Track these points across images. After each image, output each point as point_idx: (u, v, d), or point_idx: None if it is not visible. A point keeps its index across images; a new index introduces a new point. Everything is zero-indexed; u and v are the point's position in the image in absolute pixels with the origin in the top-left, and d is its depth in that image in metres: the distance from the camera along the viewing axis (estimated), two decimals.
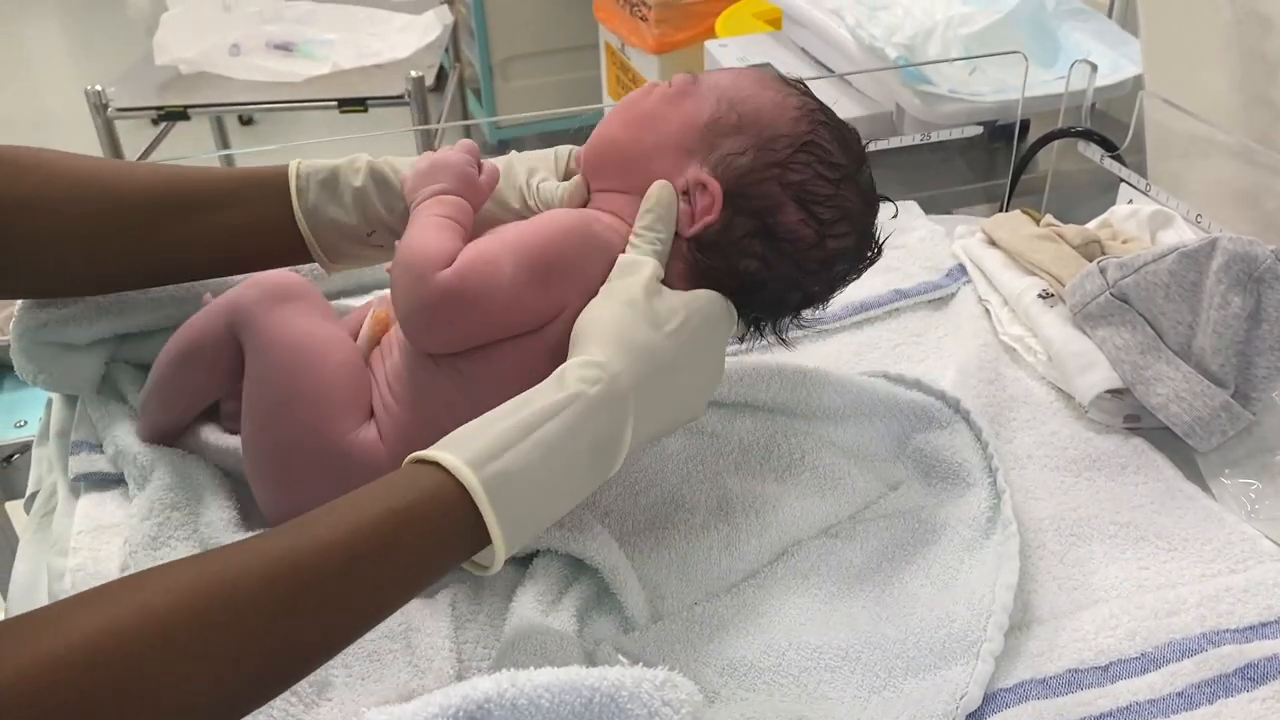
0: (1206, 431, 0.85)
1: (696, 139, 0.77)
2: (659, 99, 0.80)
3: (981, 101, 1.44)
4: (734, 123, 0.77)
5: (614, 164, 0.80)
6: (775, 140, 0.77)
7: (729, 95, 0.78)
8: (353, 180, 0.84)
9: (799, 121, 0.78)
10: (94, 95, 1.83)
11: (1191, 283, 0.86)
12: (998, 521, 0.78)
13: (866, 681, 0.67)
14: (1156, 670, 0.69)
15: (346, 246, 0.85)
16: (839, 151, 0.79)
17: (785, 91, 0.80)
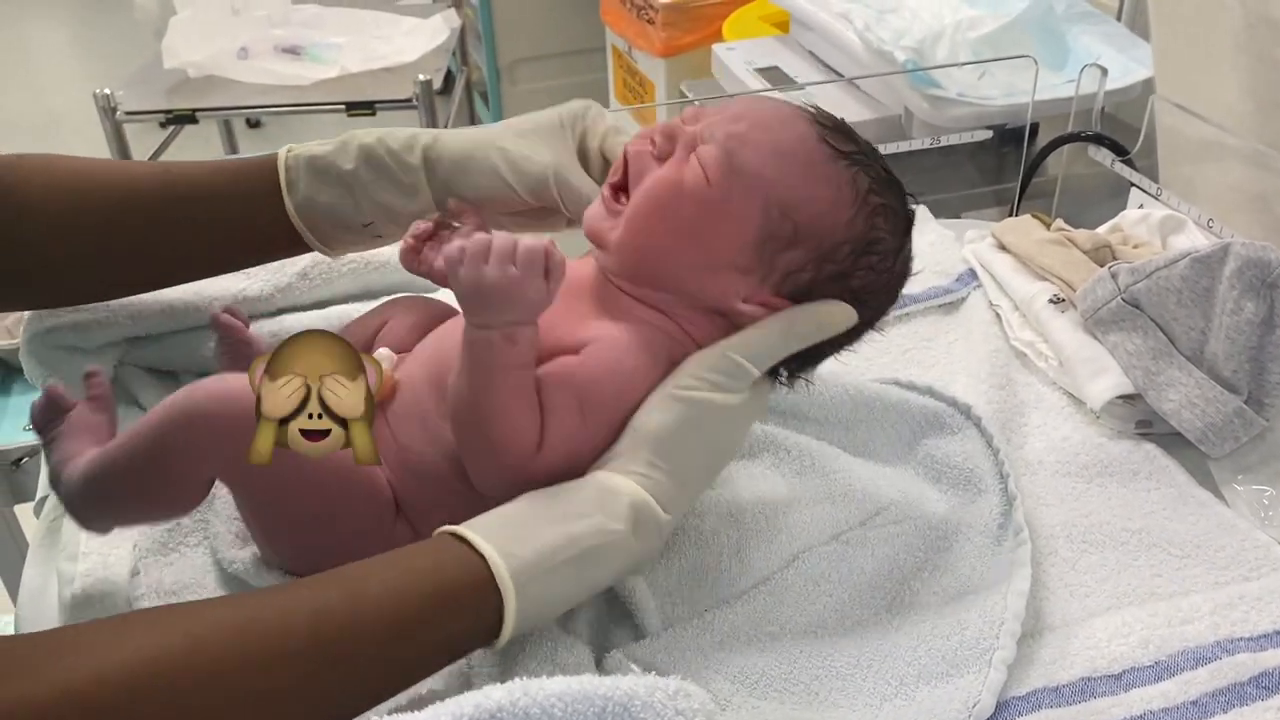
0: (1219, 438, 0.84)
1: (752, 258, 0.70)
2: (697, 204, 0.69)
3: (990, 105, 1.43)
4: (789, 235, 0.69)
5: (659, 275, 0.71)
6: (837, 250, 0.70)
7: (777, 195, 0.69)
8: (344, 164, 0.80)
9: (857, 220, 0.70)
10: (102, 98, 1.83)
11: (1204, 288, 0.86)
12: (1009, 528, 0.78)
13: (878, 689, 0.67)
14: (1170, 678, 0.68)
15: (344, 235, 0.83)
16: (896, 234, 0.73)
17: (835, 176, 0.70)
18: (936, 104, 1.43)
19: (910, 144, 1.33)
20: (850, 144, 0.72)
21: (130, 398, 0.89)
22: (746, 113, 0.72)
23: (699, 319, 0.71)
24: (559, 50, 3.07)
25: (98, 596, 0.76)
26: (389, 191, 0.80)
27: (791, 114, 0.72)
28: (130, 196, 0.81)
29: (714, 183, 0.69)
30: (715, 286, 0.70)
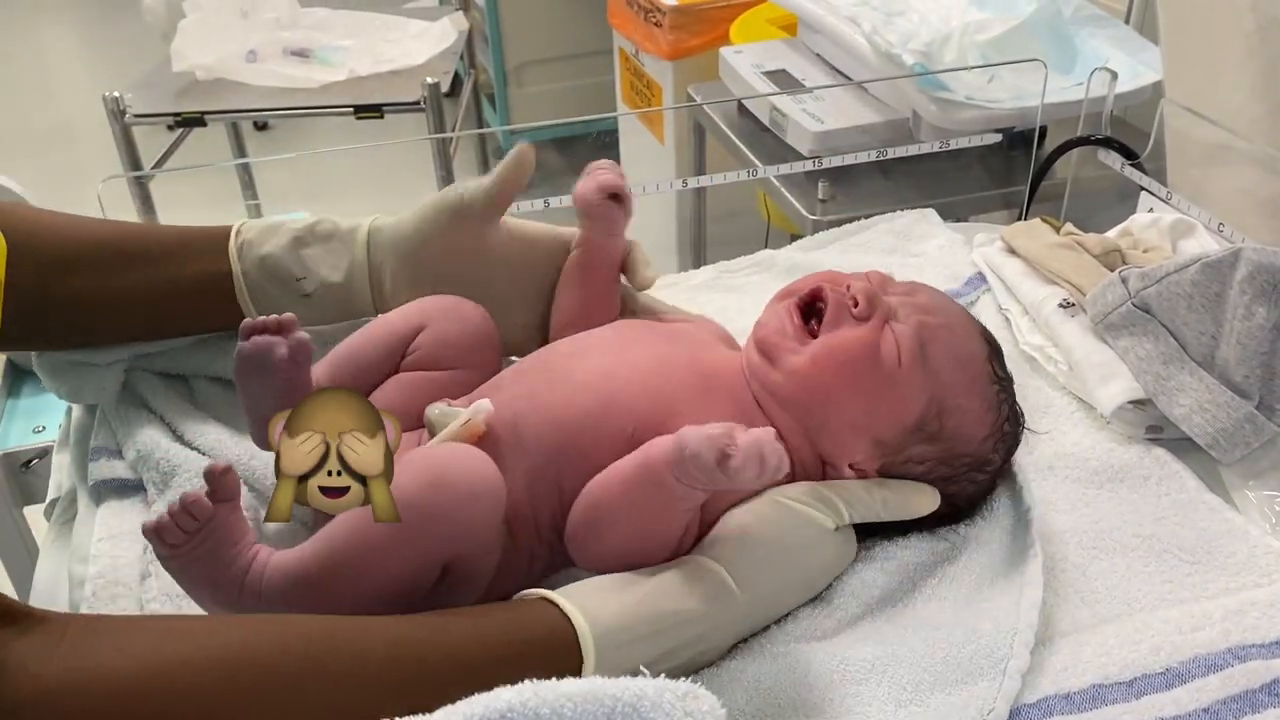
0: (1230, 443, 0.84)
1: (895, 437, 0.76)
2: (884, 377, 0.75)
3: (999, 108, 1.43)
4: (934, 431, 0.76)
5: (812, 413, 0.76)
6: (958, 458, 0.77)
7: (942, 395, 0.76)
8: (292, 226, 0.86)
9: (987, 443, 0.78)
10: (111, 101, 1.84)
11: (1215, 293, 0.85)
12: (1024, 537, 0.77)
13: (893, 695, 0.67)
14: (1182, 686, 0.68)
15: (274, 290, 0.85)
16: (1004, 456, 0.81)
17: (990, 399, 0.78)
18: (945, 107, 1.43)
19: (919, 147, 1.32)
20: (1004, 371, 0.81)
21: (140, 400, 0.89)
22: (937, 308, 0.80)
23: (805, 457, 0.77)
24: (566, 53, 3.07)
25: (108, 599, 0.76)
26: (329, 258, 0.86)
27: (971, 326, 0.81)
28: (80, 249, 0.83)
29: (904, 364, 0.75)
30: (851, 444, 0.76)
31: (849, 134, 1.53)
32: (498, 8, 2.97)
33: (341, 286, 0.86)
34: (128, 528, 0.81)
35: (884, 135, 1.52)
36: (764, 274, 1.13)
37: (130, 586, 0.77)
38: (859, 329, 0.76)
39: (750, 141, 1.69)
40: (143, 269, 0.84)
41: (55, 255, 0.82)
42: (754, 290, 1.09)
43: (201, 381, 0.92)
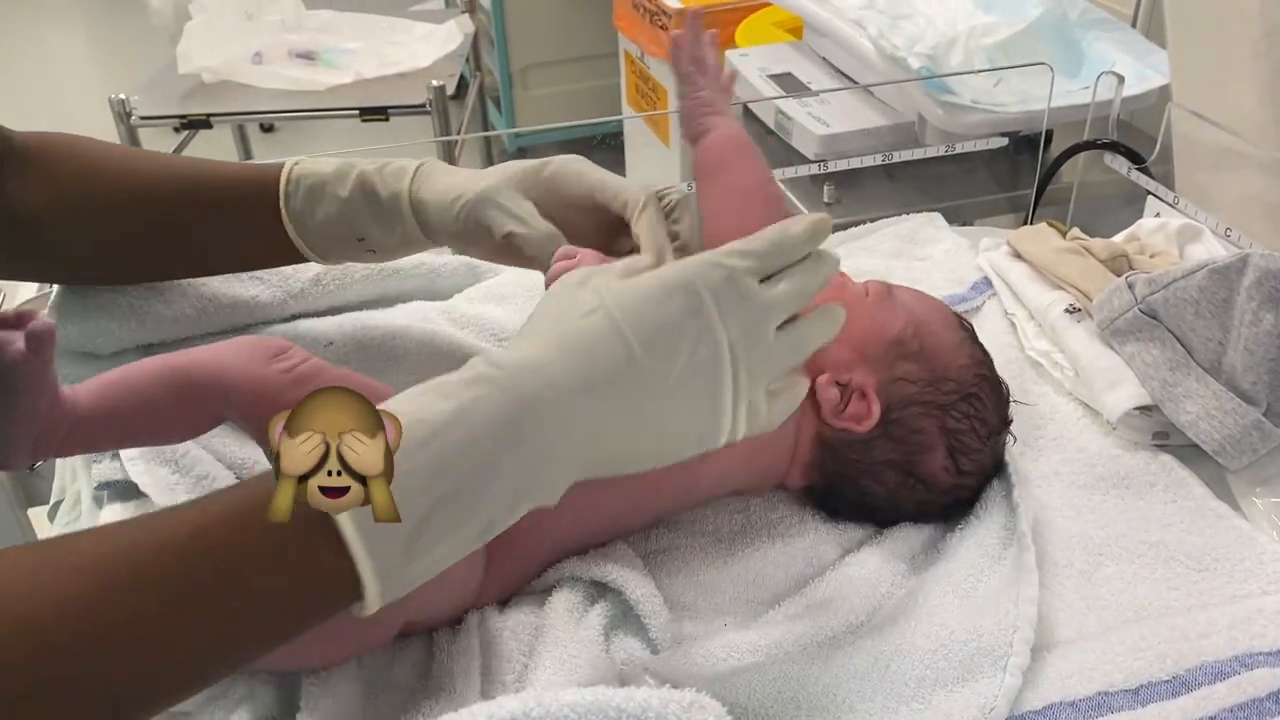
0: (1237, 450, 0.84)
1: (878, 350, 0.80)
2: (856, 299, 0.82)
3: (1005, 112, 1.43)
4: (915, 349, 0.80)
5: None
6: (945, 382, 0.80)
7: (917, 320, 0.82)
8: (339, 191, 0.82)
9: (968, 370, 0.81)
10: (117, 103, 1.84)
11: (1222, 299, 0.85)
12: (1015, 535, 0.77)
13: (895, 690, 0.67)
14: (1188, 694, 0.67)
15: (338, 249, 0.85)
16: (994, 410, 0.82)
17: (962, 337, 0.83)
18: (951, 110, 1.43)
19: (925, 151, 1.32)
20: (975, 335, 0.85)
21: None
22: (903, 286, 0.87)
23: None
24: (571, 55, 3.07)
25: None
26: (375, 224, 0.82)
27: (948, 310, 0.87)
28: (148, 190, 0.84)
29: (871, 294, 0.83)
30: (844, 362, 0.79)
31: (854, 137, 1.52)
32: (503, 10, 2.97)
33: (403, 247, 0.85)
34: None
35: (889, 139, 1.52)
36: None
37: None
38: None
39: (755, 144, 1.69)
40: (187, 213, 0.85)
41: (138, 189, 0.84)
42: None
43: None
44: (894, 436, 0.79)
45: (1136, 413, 0.88)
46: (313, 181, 0.82)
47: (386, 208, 0.81)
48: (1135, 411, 0.88)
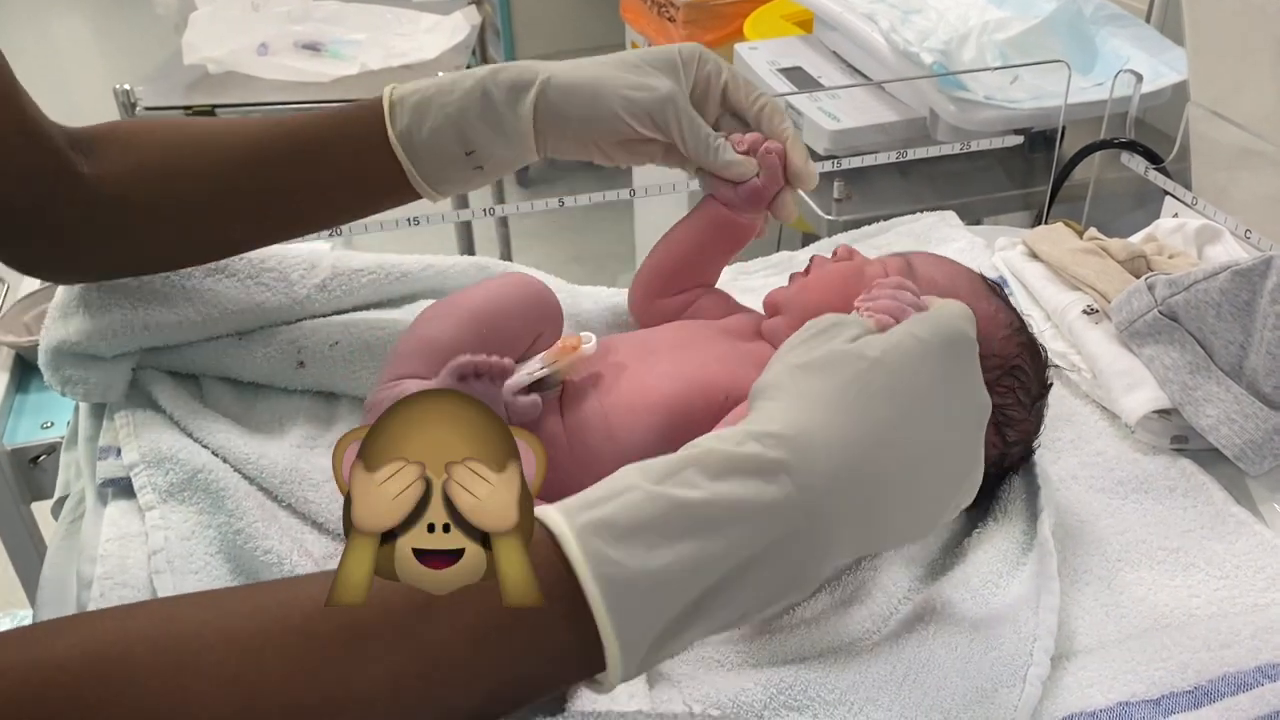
0: (1259, 455, 0.82)
1: None
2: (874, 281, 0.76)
3: (1018, 109, 1.41)
4: None
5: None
6: (986, 359, 0.72)
7: (945, 294, 0.74)
8: (447, 100, 0.79)
9: (1009, 342, 0.80)
10: (122, 94, 1.82)
11: (1244, 302, 0.84)
12: (1035, 542, 0.76)
13: (913, 700, 0.65)
14: (1210, 705, 0.66)
15: (447, 170, 0.82)
16: (1036, 377, 0.81)
17: (995, 304, 0.81)
18: (964, 107, 1.41)
19: (940, 149, 1.31)
20: (1006, 296, 0.84)
21: (148, 400, 0.88)
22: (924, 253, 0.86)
23: None
24: (578, 47, 3.04)
25: (116, 600, 0.75)
26: (491, 134, 0.81)
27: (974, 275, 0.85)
28: (248, 151, 0.82)
29: (891, 270, 0.80)
30: None
31: (866, 133, 1.51)
32: (510, 1, 2.96)
33: (509, 152, 0.82)
34: (135, 528, 0.79)
35: (901, 134, 1.51)
36: (780, 276, 1.11)
37: (138, 588, 0.75)
38: (841, 262, 0.84)
39: None
40: (288, 169, 0.82)
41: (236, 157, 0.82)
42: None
43: (211, 381, 0.90)
44: None
45: (1155, 416, 0.87)
46: (418, 98, 0.80)
47: (501, 107, 0.79)
48: (1154, 415, 0.87)
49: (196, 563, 0.76)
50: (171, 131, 0.84)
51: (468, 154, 0.81)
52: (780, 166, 0.83)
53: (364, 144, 0.80)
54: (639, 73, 0.81)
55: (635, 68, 0.81)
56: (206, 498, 0.80)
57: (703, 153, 0.81)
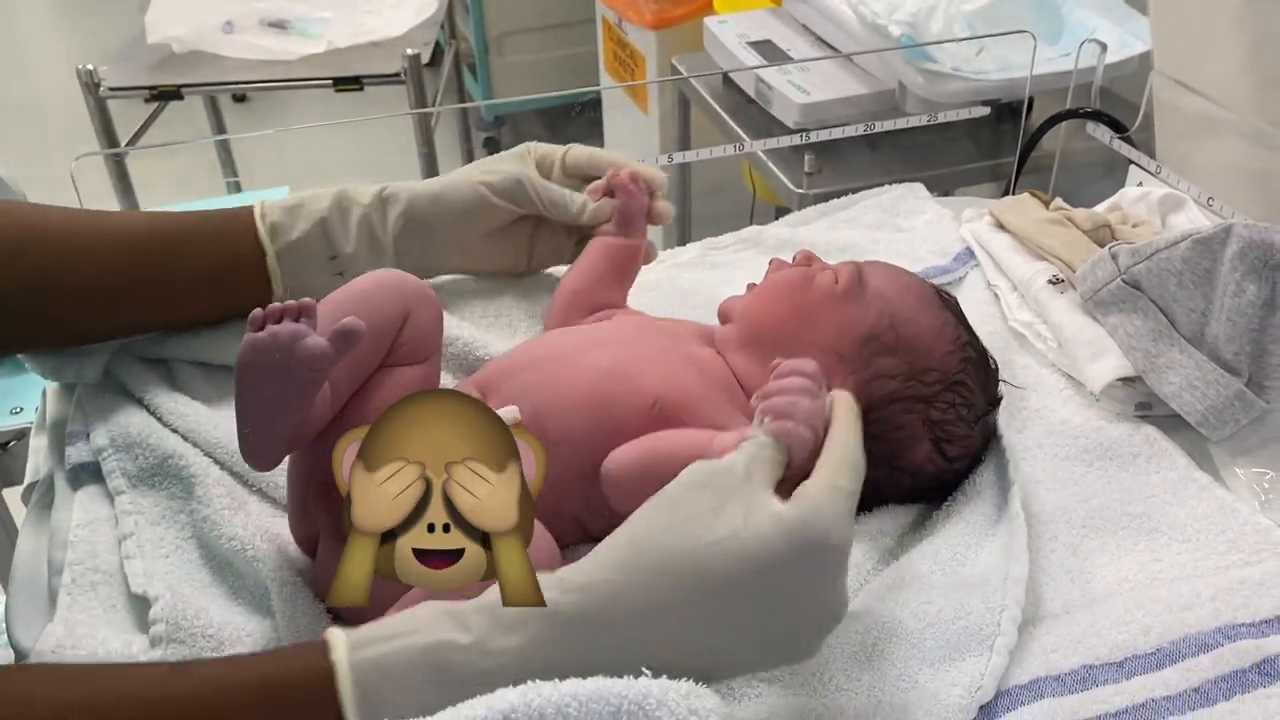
0: (1220, 420, 0.84)
1: (852, 349, 0.78)
2: (824, 295, 0.80)
3: (986, 80, 1.42)
4: (891, 342, 0.78)
5: (764, 342, 0.79)
6: (927, 373, 0.78)
7: (891, 310, 0.79)
8: (316, 208, 0.86)
9: (951, 356, 0.79)
10: (85, 74, 1.80)
11: (1205, 270, 0.85)
12: (1006, 512, 0.77)
13: (882, 670, 0.66)
14: (1172, 666, 0.67)
15: (309, 274, 0.86)
16: (981, 393, 0.81)
17: (943, 318, 0.81)
18: (931, 79, 1.42)
19: (909, 120, 1.31)
20: (957, 307, 0.84)
21: (118, 384, 0.88)
22: (888, 265, 0.85)
23: None
24: (548, 22, 3.03)
25: (87, 586, 0.75)
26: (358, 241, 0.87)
27: (921, 281, 0.84)
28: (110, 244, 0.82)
29: (841, 285, 0.80)
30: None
31: (835, 105, 1.51)
32: None
33: (372, 260, 0.87)
34: (105, 513, 0.79)
35: (870, 107, 1.51)
36: (751, 250, 1.12)
37: (109, 573, 0.75)
38: (794, 269, 0.83)
39: (735, 113, 1.68)
40: (160, 258, 0.83)
41: (67, 252, 0.81)
42: (741, 267, 1.08)
43: (182, 365, 0.90)
44: (875, 434, 0.73)
45: (1119, 384, 0.88)
46: (291, 203, 0.86)
47: (373, 217, 0.87)
48: (1118, 382, 0.88)
49: (167, 547, 0.76)
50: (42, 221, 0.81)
51: (331, 258, 0.86)
52: (632, 182, 0.91)
53: (233, 240, 0.84)
54: (490, 165, 0.91)
55: (485, 166, 0.91)
56: (177, 483, 0.79)
57: (563, 210, 0.91)
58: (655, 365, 0.76)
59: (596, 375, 0.75)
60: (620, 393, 0.74)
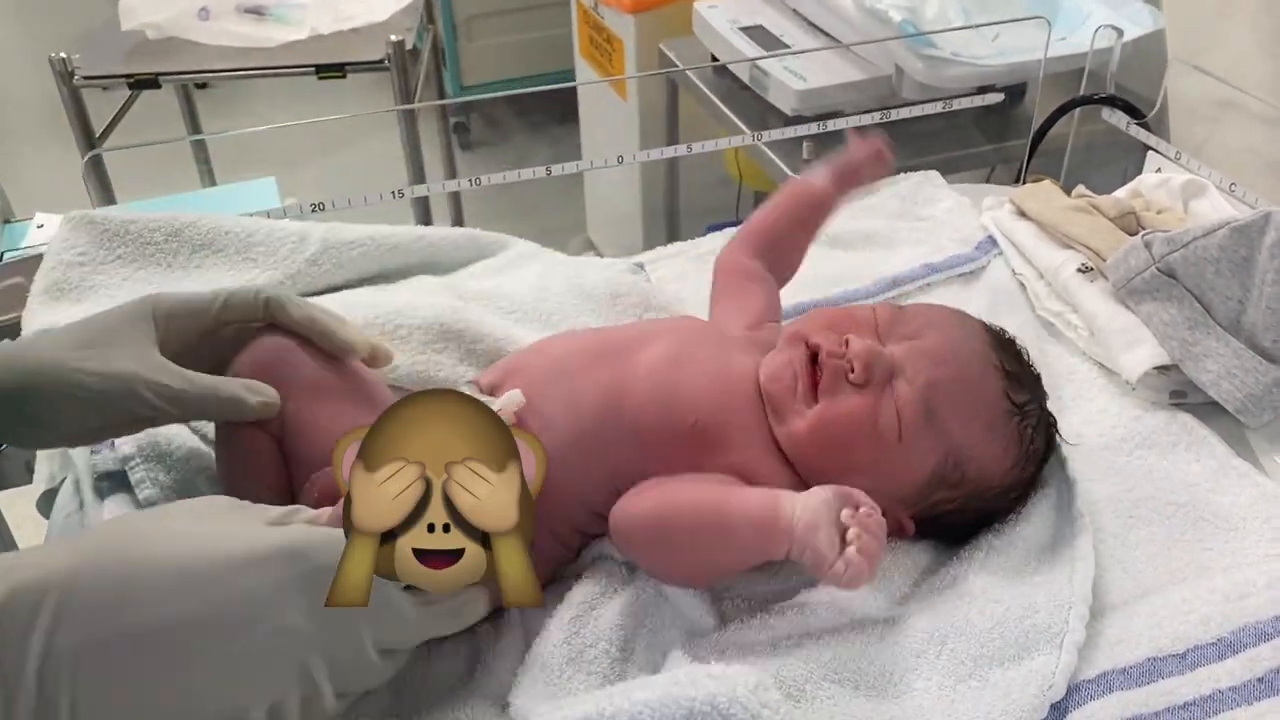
0: (1259, 408, 0.84)
1: (912, 494, 0.74)
2: (885, 448, 0.72)
3: (987, 65, 1.42)
4: (955, 480, 0.74)
5: (824, 475, 0.70)
6: (987, 492, 0.75)
7: (957, 450, 0.73)
8: None
9: (1013, 470, 0.75)
10: (59, 62, 1.75)
11: (1243, 258, 0.85)
12: (1069, 510, 0.77)
13: (952, 669, 0.66)
14: (1234, 656, 0.68)
15: None
16: (1037, 472, 0.78)
17: (1011, 431, 0.74)
18: (932, 64, 1.41)
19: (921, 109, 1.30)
20: (1026, 393, 0.76)
21: None
22: (949, 353, 0.74)
23: None
24: (519, 5, 2.99)
25: None
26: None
27: (986, 365, 0.75)
28: None
29: (905, 435, 0.71)
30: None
31: (833, 91, 1.50)
32: None
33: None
34: None
35: (869, 92, 1.50)
36: None
37: None
38: (855, 399, 0.72)
39: (728, 100, 1.66)
40: None
41: None
42: None
43: None
44: (928, 530, 0.76)
45: (1154, 372, 0.88)
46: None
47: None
48: (1152, 371, 0.88)
49: None
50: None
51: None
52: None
53: None
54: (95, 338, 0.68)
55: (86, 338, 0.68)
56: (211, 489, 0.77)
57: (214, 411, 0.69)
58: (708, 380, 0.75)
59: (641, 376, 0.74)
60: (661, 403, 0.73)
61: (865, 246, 1.07)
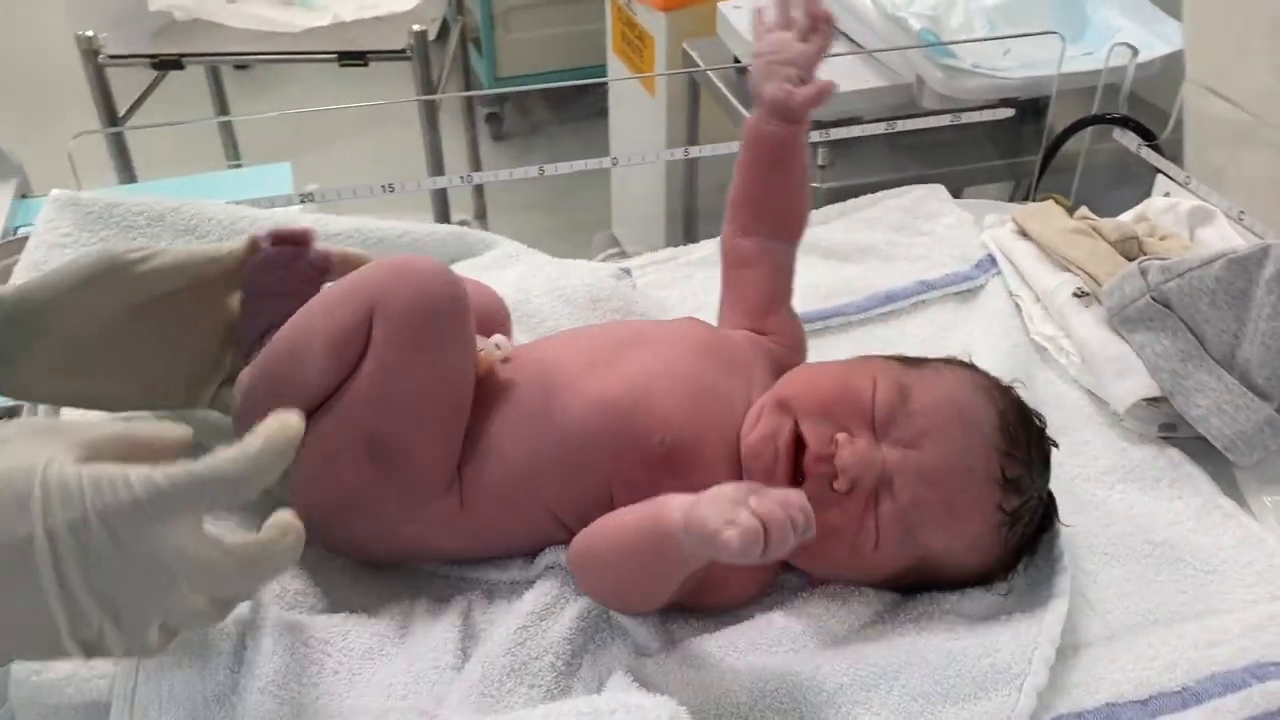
0: (1248, 446, 0.81)
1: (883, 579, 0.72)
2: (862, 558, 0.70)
3: (1006, 78, 1.39)
4: (931, 573, 0.72)
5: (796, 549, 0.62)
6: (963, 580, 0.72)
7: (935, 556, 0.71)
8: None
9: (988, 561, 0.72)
10: (85, 41, 1.76)
11: (1240, 290, 0.82)
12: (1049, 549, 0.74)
13: (904, 706, 0.64)
14: (1198, 706, 0.65)
15: None
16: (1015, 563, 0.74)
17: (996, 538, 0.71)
18: (951, 74, 1.39)
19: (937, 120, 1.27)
20: (1025, 495, 0.71)
21: None
22: (943, 473, 0.69)
23: None
24: None
25: None
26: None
27: (984, 481, 0.70)
28: None
29: (882, 546, 0.69)
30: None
31: (851, 98, 1.48)
32: None
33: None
34: None
35: (887, 100, 1.48)
36: None
37: None
38: (835, 510, 0.68)
39: (749, 102, 1.64)
40: None
41: None
42: None
43: None
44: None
45: (1144, 404, 0.86)
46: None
47: None
48: (1142, 402, 0.86)
49: None
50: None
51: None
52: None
53: None
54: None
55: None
56: None
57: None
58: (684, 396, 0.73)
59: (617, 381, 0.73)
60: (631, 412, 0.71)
61: (862, 259, 1.05)
